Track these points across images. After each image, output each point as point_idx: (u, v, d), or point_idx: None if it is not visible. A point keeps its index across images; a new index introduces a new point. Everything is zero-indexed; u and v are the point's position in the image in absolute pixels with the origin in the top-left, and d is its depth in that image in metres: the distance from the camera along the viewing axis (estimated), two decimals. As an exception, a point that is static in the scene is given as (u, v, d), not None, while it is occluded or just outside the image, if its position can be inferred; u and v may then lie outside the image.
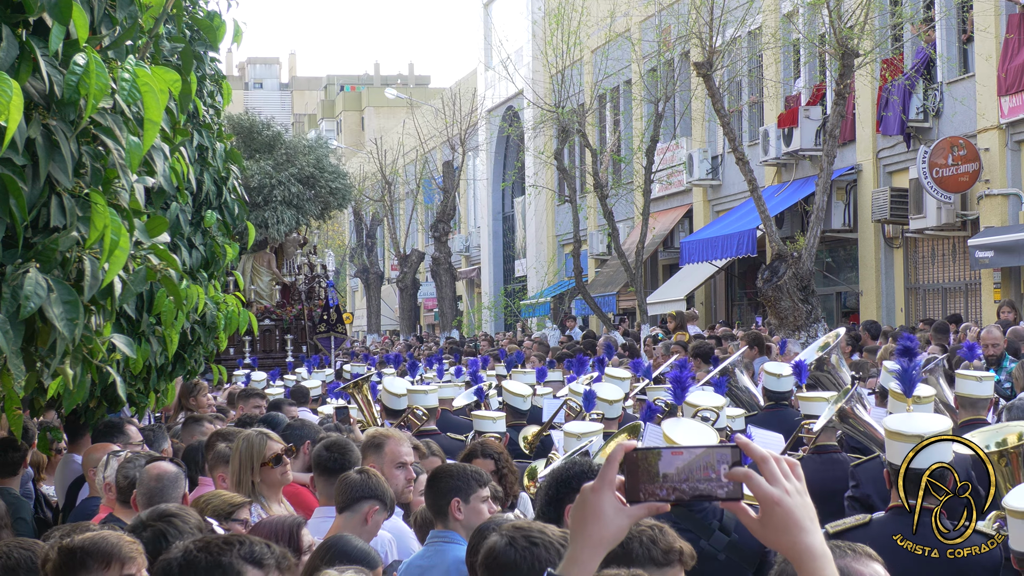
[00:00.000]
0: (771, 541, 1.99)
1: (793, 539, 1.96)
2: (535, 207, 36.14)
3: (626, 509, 2.02)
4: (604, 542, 2.04)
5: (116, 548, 3.42)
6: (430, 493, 4.85)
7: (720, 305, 27.98)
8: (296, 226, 24.20)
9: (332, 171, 25.06)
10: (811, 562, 1.96)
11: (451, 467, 4.92)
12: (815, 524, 1.98)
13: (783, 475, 1.97)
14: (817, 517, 2.00)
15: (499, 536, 3.23)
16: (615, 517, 2.02)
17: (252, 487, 5.40)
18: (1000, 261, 18.16)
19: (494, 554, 3.19)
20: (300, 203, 23.87)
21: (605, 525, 2.03)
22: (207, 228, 6.33)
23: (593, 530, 2.03)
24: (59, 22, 3.13)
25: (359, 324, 53.88)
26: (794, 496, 1.96)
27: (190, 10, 5.47)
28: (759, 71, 24.38)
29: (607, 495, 2.02)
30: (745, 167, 16.54)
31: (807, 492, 2.00)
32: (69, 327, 3.30)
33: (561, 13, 25.00)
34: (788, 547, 1.97)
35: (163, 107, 3.47)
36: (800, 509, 1.96)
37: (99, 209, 3.34)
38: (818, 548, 1.97)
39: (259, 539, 2.78)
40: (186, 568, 2.65)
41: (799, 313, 14.91)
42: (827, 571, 1.97)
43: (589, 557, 2.05)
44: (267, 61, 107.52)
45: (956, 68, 20.04)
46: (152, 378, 5.92)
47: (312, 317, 23.08)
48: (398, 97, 49.02)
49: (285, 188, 23.61)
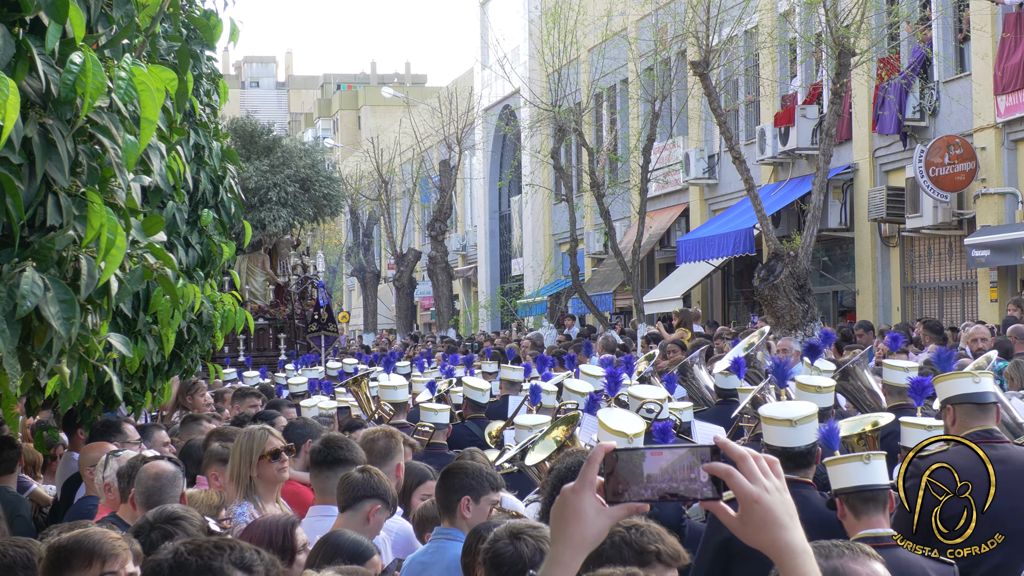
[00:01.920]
0: (751, 538, 2.01)
1: (773, 536, 1.98)
2: (532, 206, 36.14)
3: (607, 510, 2.03)
4: (586, 543, 2.05)
5: (97, 545, 3.42)
6: (442, 488, 4.81)
7: (717, 304, 27.99)
8: (291, 226, 24.69)
9: (326, 176, 25.74)
10: (791, 559, 1.98)
11: (467, 465, 4.89)
12: (794, 521, 1.99)
13: (762, 473, 1.99)
14: (797, 514, 2.01)
15: (502, 534, 3.24)
16: (596, 518, 2.03)
17: (249, 483, 5.39)
18: (996, 260, 18.18)
19: (496, 551, 3.20)
20: (296, 203, 24.38)
21: (586, 526, 2.03)
22: (203, 227, 6.33)
23: (574, 531, 2.04)
24: (56, 21, 3.13)
25: (356, 323, 53.87)
26: (773, 493, 1.98)
27: (186, 9, 5.47)
28: (755, 70, 24.39)
29: (588, 496, 2.03)
30: (741, 166, 16.55)
31: (786, 489, 2.01)
32: (65, 326, 3.30)
33: (558, 12, 25.00)
34: (768, 544, 1.99)
35: (159, 106, 3.47)
36: (779, 506, 1.98)
37: (95, 208, 3.34)
38: (798, 545, 1.98)
39: (249, 545, 2.78)
40: (176, 570, 2.64)
41: (795, 312, 14.91)
42: (807, 567, 1.98)
43: (571, 558, 2.05)
44: (264, 60, 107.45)
45: (952, 67, 20.07)
46: (148, 377, 5.92)
47: (305, 317, 23.63)
48: (395, 96, 49.01)
49: (281, 189, 24.12)
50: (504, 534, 3.28)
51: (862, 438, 5.99)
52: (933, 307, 21.02)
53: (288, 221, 24.24)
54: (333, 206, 25.93)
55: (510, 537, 3.25)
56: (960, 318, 18.91)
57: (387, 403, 9.07)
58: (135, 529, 4.12)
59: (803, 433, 5.06)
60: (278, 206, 23.99)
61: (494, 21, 36.69)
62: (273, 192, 23.97)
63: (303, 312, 23.66)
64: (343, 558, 4.06)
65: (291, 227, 24.75)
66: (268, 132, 25.51)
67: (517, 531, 3.27)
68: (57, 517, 6.49)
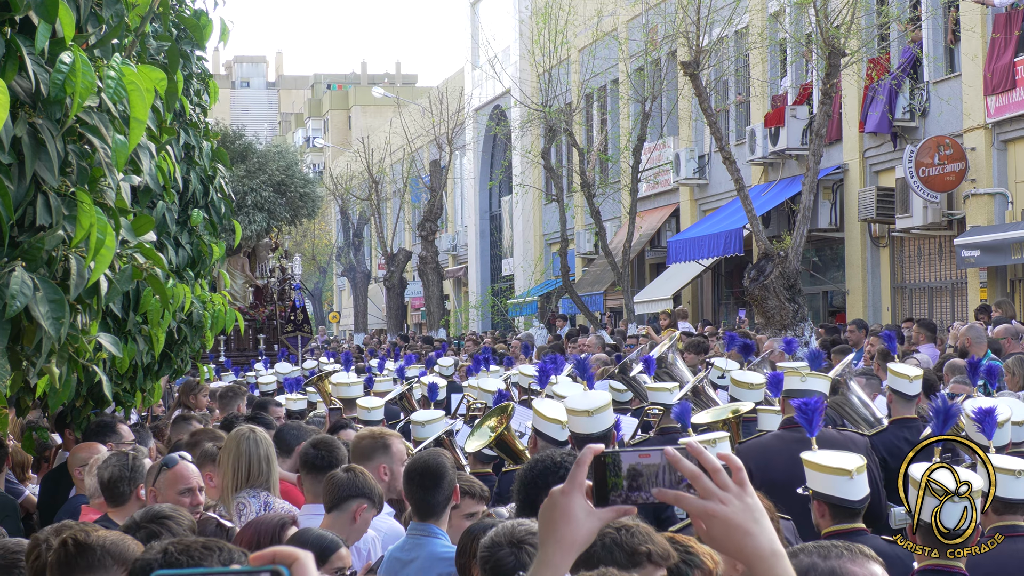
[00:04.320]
0: (719, 548, 2.03)
1: (738, 544, 1.97)
2: (522, 206, 36.14)
3: (596, 512, 2.03)
4: (576, 545, 2.05)
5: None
6: (407, 486, 4.85)
7: (707, 304, 28.03)
8: (268, 229, 25.52)
9: (301, 178, 26.73)
10: (759, 564, 1.97)
11: (428, 463, 4.92)
12: (760, 525, 1.98)
13: (720, 485, 1.98)
14: (765, 517, 1.99)
15: (503, 540, 3.24)
16: (586, 520, 2.03)
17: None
18: (986, 260, 18.23)
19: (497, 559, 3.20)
20: (272, 207, 25.38)
21: (576, 528, 2.03)
22: (193, 227, 6.32)
23: (564, 533, 2.04)
24: (45, 20, 3.12)
25: (346, 323, 53.80)
26: (731, 503, 1.97)
27: (177, 8, 5.46)
28: (746, 70, 24.42)
29: (577, 497, 2.03)
30: (732, 166, 16.56)
31: (751, 495, 2.00)
32: (55, 326, 3.29)
33: (548, 12, 25.00)
34: (736, 552, 1.99)
35: (149, 106, 3.46)
36: (740, 514, 1.97)
37: (85, 208, 3.33)
38: (765, 549, 1.97)
39: (238, 548, 2.78)
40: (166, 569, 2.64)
41: (786, 312, 14.93)
42: (778, 569, 1.98)
43: (561, 560, 2.05)
44: (254, 60, 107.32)
45: (942, 67, 20.12)
46: (138, 377, 5.92)
47: (283, 317, 24.51)
48: (385, 96, 48.96)
49: (256, 194, 25.04)
50: (505, 541, 3.27)
51: (726, 423, 7.04)
52: (923, 307, 21.07)
53: (263, 226, 25.03)
54: (309, 207, 26.72)
55: (511, 546, 3.24)
56: (950, 318, 18.95)
57: (335, 400, 9.66)
58: (123, 529, 4.11)
59: (599, 421, 6.09)
60: (254, 210, 24.85)
61: (484, 21, 36.70)
62: (250, 197, 24.78)
63: (282, 313, 24.49)
64: None
65: (268, 230, 25.56)
66: (239, 137, 26.36)
67: (518, 539, 3.26)
68: (43, 516, 6.47)
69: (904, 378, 7.53)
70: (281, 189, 25.67)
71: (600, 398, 6.35)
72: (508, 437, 6.95)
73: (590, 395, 6.61)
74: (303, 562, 1.59)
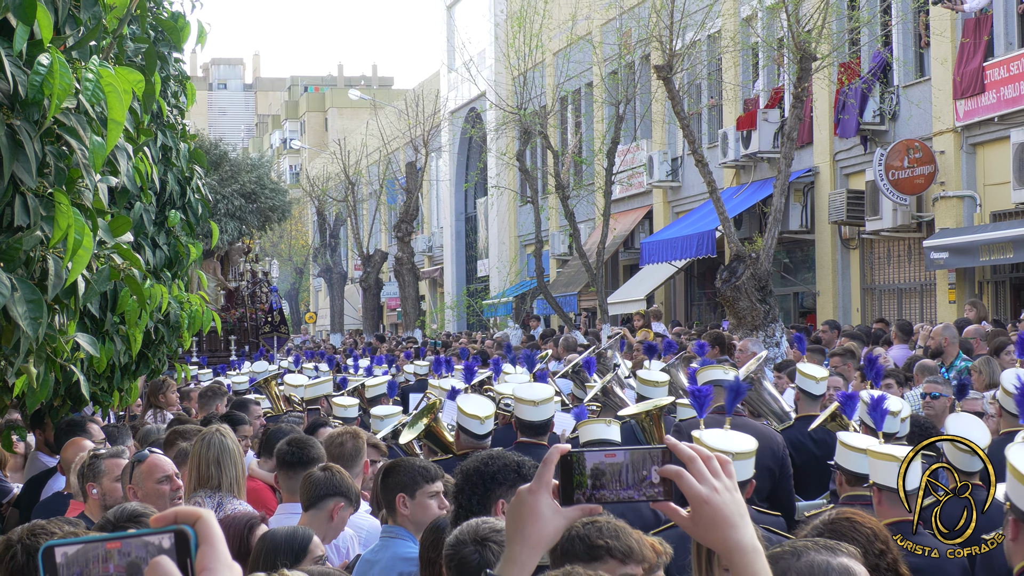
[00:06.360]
0: (702, 537, 2.05)
1: (723, 535, 2.01)
2: (497, 208, 36.19)
3: (562, 511, 2.06)
4: (542, 543, 2.08)
5: None
6: (380, 488, 4.87)
7: (680, 305, 28.16)
8: (239, 237, 26.28)
9: (272, 187, 27.87)
10: (741, 557, 2.01)
11: (400, 462, 4.91)
12: (744, 520, 2.03)
13: (712, 473, 2.02)
14: (747, 513, 2.05)
15: (467, 538, 3.25)
16: (552, 518, 2.06)
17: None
18: (955, 262, 18.41)
19: (462, 557, 3.22)
20: (243, 215, 26.34)
21: (543, 526, 2.06)
22: (171, 228, 6.36)
23: (531, 531, 2.06)
24: (23, 22, 3.15)
25: (323, 323, 53.66)
26: (723, 493, 2.01)
27: (154, 11, 5.50)
28: (718, 74, 24.56)
29: (544, 496, 2.06)
30: (704, 169, 16.67)
31: (737, 489, 2.05)
32: (33, 326, 3.33)
33: (523, 16, 25.07)
34: (719, 543, 2.03)
35: (127, 107, 3.50)
36: (729, 506, 2.01)
37: (63, 209, 3.37)
38: (747, 543, 2.02)
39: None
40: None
41: (757, 313, 15.03)
42: (757, 565, 2.02)
43: (528, 558, 2.08)
44: (231, 62, 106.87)
45: (912, 72, 20.31)
46: (116, 377, 5.95)
47: (256, 319, 24.97)
48: (361, 98, 48.89)
49: (228, 202, 25.90)
50: (468, 539, 3.26)
51: (648, 415, 7.64)
52: (892, 308, 21.25)
53: (234, 234, 25.80)
54: (278, 216, 28.05)
55: (475, 543, 3.23)
56: (919, 319, 19.14)
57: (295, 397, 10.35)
58: (97, 528, 4.15)
59: (543, 411, 6.95)
60: (226, 218, 25.56)
61: (460, 25, 36.73)
62: (222, 204, 25.48)
63: (253, 315, 24.95)
64: (284, 553, 4.05)
65: (240, 236, 26.29)
66: (215, 147, 27.14)
67: (482, 537, 3.24)
68: (22, 514, 6.49)
69: (811, 379, 8.04)
70: (252, 199, 26.60)
71: (544, 390, 7.10)
72: (436, 429, 7.57)
73: (535, 387, 7.31)
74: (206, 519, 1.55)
